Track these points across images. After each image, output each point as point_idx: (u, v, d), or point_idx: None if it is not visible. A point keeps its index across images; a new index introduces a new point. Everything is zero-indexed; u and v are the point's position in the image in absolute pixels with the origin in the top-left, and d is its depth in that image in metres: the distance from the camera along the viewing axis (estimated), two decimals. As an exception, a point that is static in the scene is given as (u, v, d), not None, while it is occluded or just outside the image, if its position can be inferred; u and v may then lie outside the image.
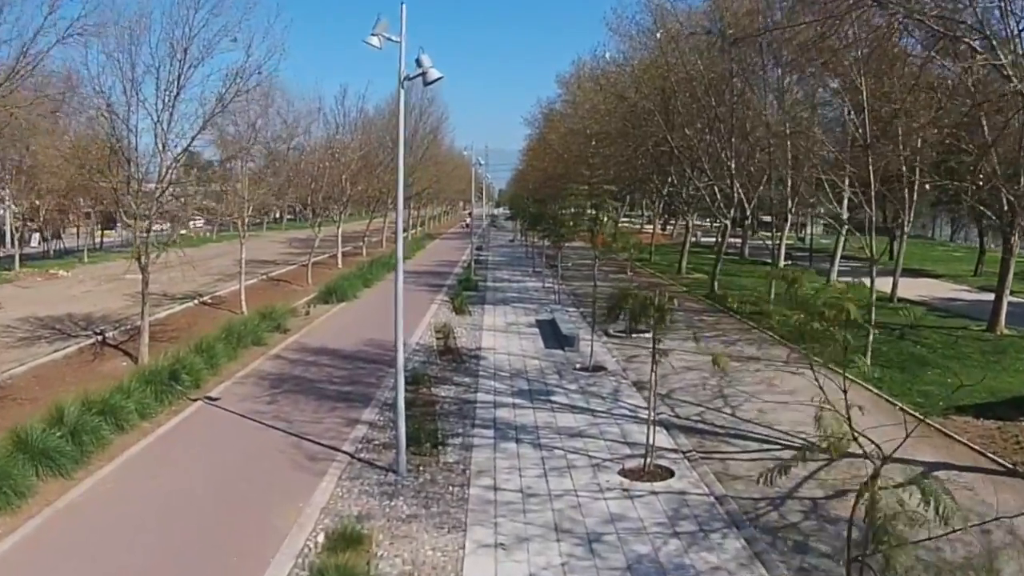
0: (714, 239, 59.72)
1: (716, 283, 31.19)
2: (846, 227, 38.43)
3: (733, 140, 29.43)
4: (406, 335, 21.39)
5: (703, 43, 28.71)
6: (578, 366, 17.29)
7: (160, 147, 18.49)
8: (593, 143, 35.89)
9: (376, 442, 12.32)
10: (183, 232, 64.12)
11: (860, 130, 19.46)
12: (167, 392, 15.23)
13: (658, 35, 27.80)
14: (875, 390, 16.11)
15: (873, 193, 19.34)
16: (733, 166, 29.84)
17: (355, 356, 18.49)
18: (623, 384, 15.98)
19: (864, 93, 18.84)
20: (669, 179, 34.10)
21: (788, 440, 12.93)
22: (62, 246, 55.16)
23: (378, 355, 18.17)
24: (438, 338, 20.23)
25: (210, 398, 15.45)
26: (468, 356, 18.21)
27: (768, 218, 53.43)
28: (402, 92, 10.03)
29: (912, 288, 31.00)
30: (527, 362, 17.53)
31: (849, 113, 19.27)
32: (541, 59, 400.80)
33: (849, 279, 36.66)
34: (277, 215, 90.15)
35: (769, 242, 48.38)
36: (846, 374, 6.52)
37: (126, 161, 18.23)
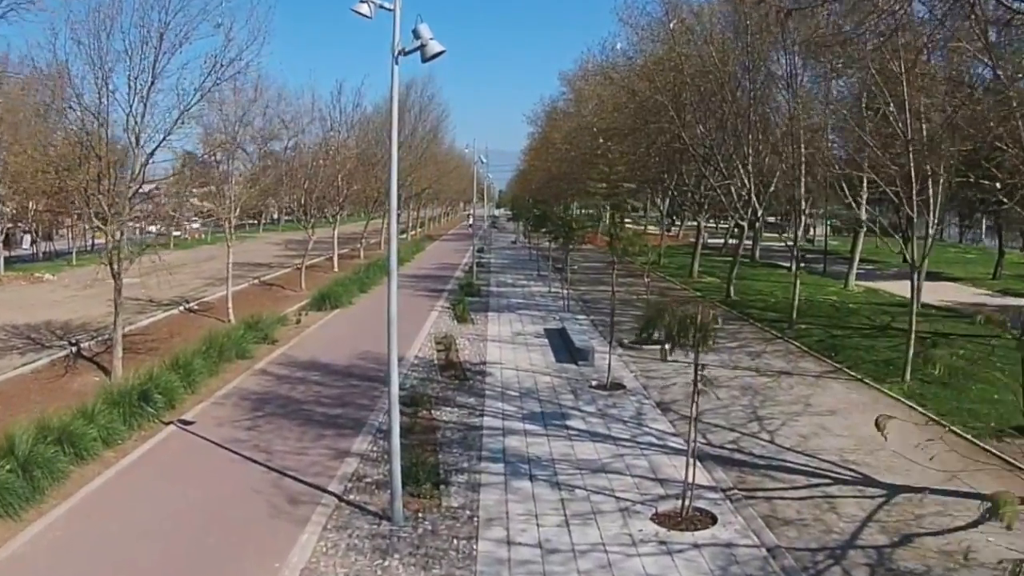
0: (722, 240, 58.27)
1: (731, 288, 29.52)
2: (864, 229, 36.99)
3: (751, 136, 27.78)
4: (404, 347, 19.78)
5: (718, 33, 27.11)
6: (594, 383, 15.64)
7: (133, 141, 16.87)
8: (600, 140, 34.18)
9: (368, 479, 10.66)
10: (176, 234, 62.37)
11: (900, 124, 17.83)
12: (137, 415, 13.64)
13: (671, 25, 26.13)
14: (919, 408, 14.55)
15: (914, 192, 17.63)
16: (750, 164, 28.18)
17: (347, 372, 16.83)
18: (646, 405, 14.32)
19: (905, 84, 17.20)
20: (680, 178, 32.41)
21: (838, 472, 11.32)
22: (52, 248, 53.64)
23: (373, 371, 16.52)
24: (439, 350, 18.60)
25: (184, 422, 13.82)
26: (472, 372, 16.55)
27: (772, 219, 51.90)
28: (396, 70, 8.37)
29: (932, 292, 29.34)
30: (538, 379, 15.87)
31: (888, 105, 17.54)
32: (542, 59, 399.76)
33: (867, 283, 35.23)
34: (275, 216, 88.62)
35: (777, 244, 46.96)
36: (886, 390, 5.35)
37: (96, 157, 16.60)
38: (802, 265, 43.22)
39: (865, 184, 33.55)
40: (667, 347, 9.43)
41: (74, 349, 20.15)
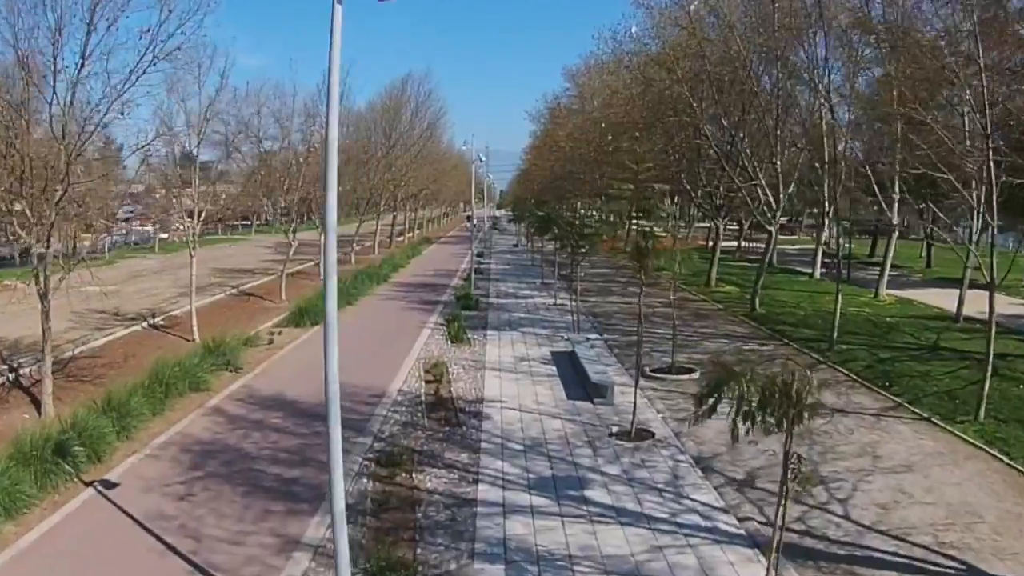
0: (734, 243, 55.42)
1: (756, 300, 26.61)
2: (896, 234, 34.10)
3: (778, 132, 24.95)
4: (386, 378, 16.91)
5: (743, 17, 24.26)
6: (615, 429, 12.78)
7: (59, 134, 14.05)
8: (609, 136, 31.36)
9: (319, 592, 7.83)
10: (164, 236, 59.25)
11: (976, 116, 15.02)
12: (52, 473, 10.94)
13: (692, 6, 23.26)
14: (1005, 458, 11.87)
15: (995, 195, 14.74)
16: (778, 164, 25.34)
17: (316, 413, 13.95)
18: (682, 463, 11.45)
19: (983, 72, 14.33)
20: (696, 178, 29.49)
21: (936, 562, 8.58)
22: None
23: (346, 413, 13.64)
24: (428, 381, 15.76)
25: (106, 484, 11.06)
26: (467, 413, 13.69)
27: (783, 219, 48.98)
28: (338, 8, 5.51)
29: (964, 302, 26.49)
30: (546, 425, 12.98)
31: (966, 96, 14.71)
32: (543, 59, 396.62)
33: (895, 292, 32.31)
34: (268, 217, 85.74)
35: (788, 247, 44.09)
36: (959, 432, 3.18)
37: (17, 155, 13.80)
38: (822, 271, 40.53)
39: (897, 185, 30.99)
40: (741, 425, 6.58)
41: (12, 375, 17.37)
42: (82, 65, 13.79)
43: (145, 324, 24.19)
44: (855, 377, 17.48)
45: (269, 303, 28.20)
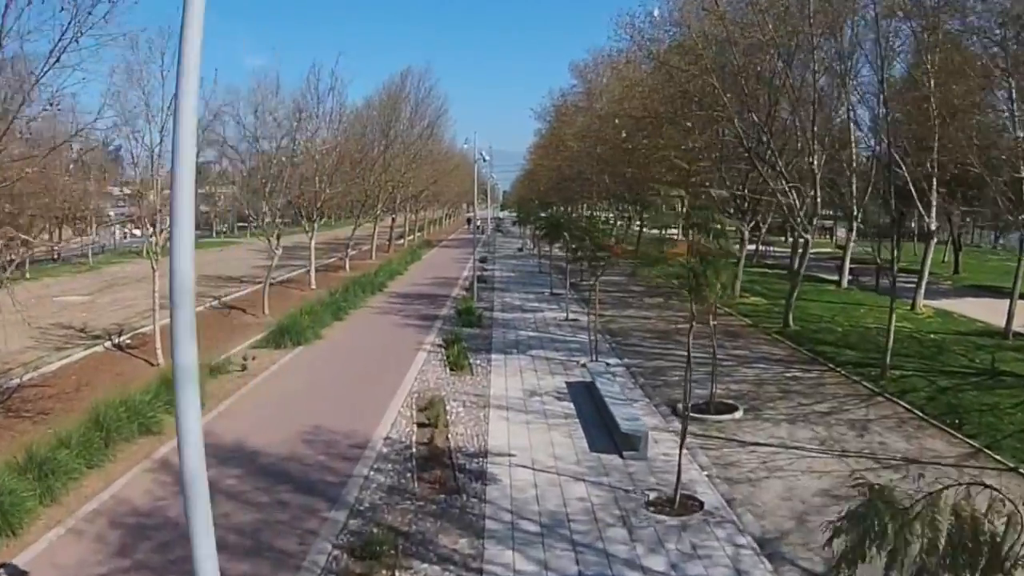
0: (751, 247, 52.77)
1: (790, 316, 23.96)
2: (935, 240, 31.50)
3: (815, 130, 22.38)
4: (371, 420, 14.31)
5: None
6: (651, 496, 10.21)
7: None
8: (624, 134, 28.76)
9: None
10: (152, 239, 56.80)
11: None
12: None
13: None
14: None
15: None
16: (815, 163, 22.76)
17: (281, 471, 11.45)
18: (743, 549, 8.87)
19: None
20: (723, 179, 26.88)
21: None
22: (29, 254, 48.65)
23: (318, 470, 11.21)
24: (420, 424, 13.20)
25: (12, 571, 8.63)
26: (467, 472, 11.12)
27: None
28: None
29: (997, 312, 23.95)
30: (567, 491, 10.39)
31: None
32: (545, 59, 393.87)
33: (929, 302, 29.66)
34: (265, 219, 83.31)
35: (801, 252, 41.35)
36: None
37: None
38: (849, 278, 37.86)
39: (935, 187, 28.41)
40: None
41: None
42: (-1, 46, 11.29)
43: (109, 344, 21.72)
44: (919, 414, 14.96)
45: (250, 317, 25.69)
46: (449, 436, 12.59)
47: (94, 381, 17.69)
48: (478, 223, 57.66)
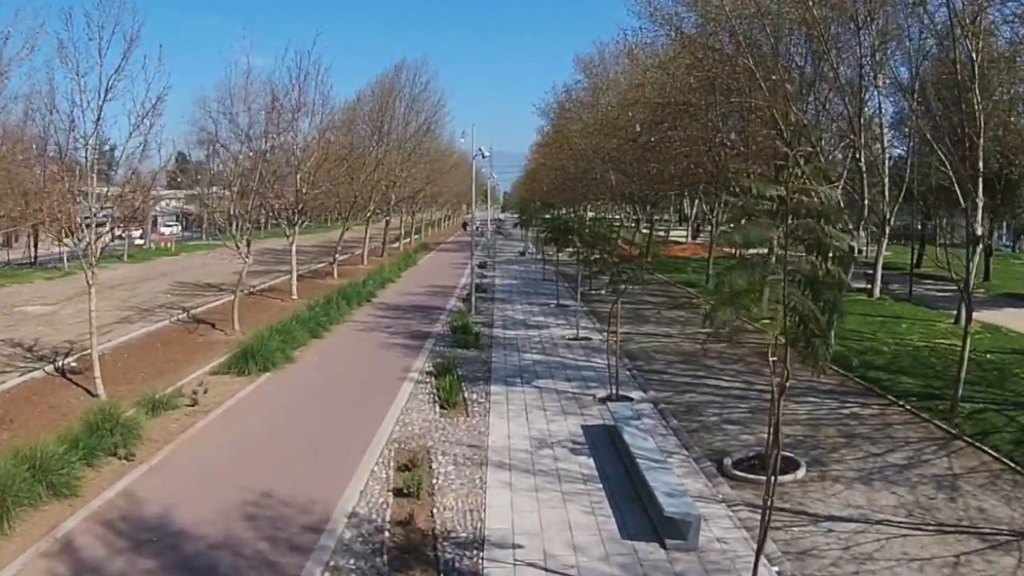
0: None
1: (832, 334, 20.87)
2: (979, 247, 28.53)
3: (862, 120, 19.45)
4: (337, 480, 11.00)
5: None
6: (715, 619, 7.19)
7: None
8: (638, 128, 25.76)
9: None
10: (139, 242, 53.88)
11: None
12: None
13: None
14: None
15: None
16: (861, 159, 19.81)
17: (205, 568, 8.42)
18: None
19: None
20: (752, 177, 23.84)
21: None
22: (7, 258, 46.16)
23: (257, 566, 8.22)
24: (398, 493, 10.17)
25: None
26: (456, 572, 8.10)
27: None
28: None
29: None
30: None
31: None
32: (545, 59, 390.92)
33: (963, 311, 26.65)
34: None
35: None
36: None
37: None
38: (880, 286, 34.82)
39: (980, 189, 25.47)
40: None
41: None
42: None
43: (51, 367, 18.75)
44: (1012, 465, 12.01)
45: (219, 334, 22.69)
46: (435, 511, 9.56)
47: (20, 417, 14.74)
48: (476, 226, 54.14)
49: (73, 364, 18.93)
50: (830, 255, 5.55)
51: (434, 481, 10.56)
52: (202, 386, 16.54)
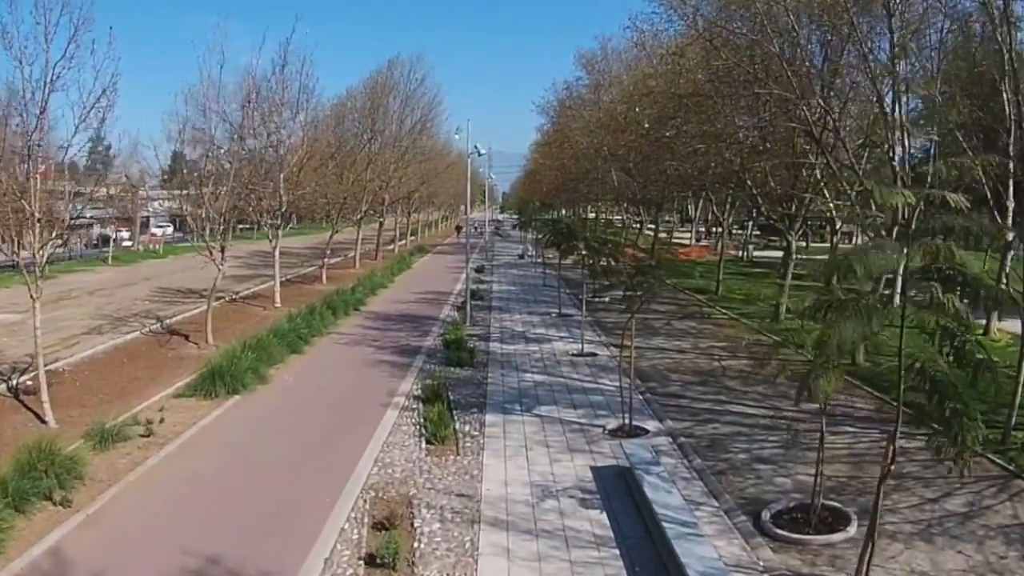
0: (777, 255, 47.97)
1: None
2: (1012, 252, 26.73)
3: (905, 116, 17.69)
4: (301, 537, 8.92)
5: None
6: None
7: None
8: (647, 125, 23.92)
9: None
10: (127, 244, 52.00)
11: None
12: None
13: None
14: None
15: None
16: (895, 157, 18.04)
17: None
18: None
19: None
20: (765, 176, 22.01)
21: None
22: None
23: None
24: (370, 560, 8.34)
25: None
26: None
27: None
28: None
29: None
30: None
31: None
32: (546, 58, 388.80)
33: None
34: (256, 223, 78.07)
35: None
36: None
37: None
38: (887, 292, 33.03)
39: (1010, 189, 23.70)
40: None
41: None
42: None
43: (2, 387, 16.96)
44: None
45: (191, 347, 20.87)
46: (414, 589, 7.74)
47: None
48: (475, 227, 52.09)
49: (28, 383, 17.12)
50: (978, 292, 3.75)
51: (415, 544, 8.73)
52: (162, 411, 14.77)
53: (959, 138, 19.45)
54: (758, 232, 56.78)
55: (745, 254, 48.61)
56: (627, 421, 12.83)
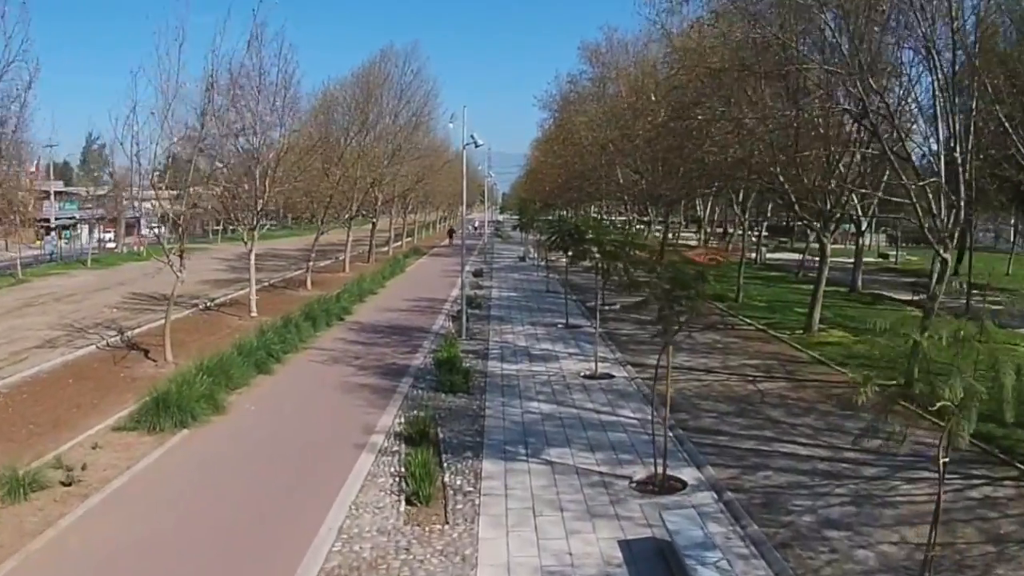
0: (793, 256, 45.49)
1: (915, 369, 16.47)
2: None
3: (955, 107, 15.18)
4: None
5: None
6: None
7: None
8: (662, 114, 21.37)
9: None
10: (111, 245, 49.38)
11: None
12: None
13: None
14: None
15: None
16: (958, 155, 15.52)
17: None
18: None
19: None
20: (798, 170, 19.45)
21: None
22: None
23: None
24: None
25: None
26: None
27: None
28: None
29: None
30: None
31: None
32: (545, 58, 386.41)
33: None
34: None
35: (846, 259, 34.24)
36: None
37: None
38: (914, 297, 30.50)
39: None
40: None
41: None
42: None
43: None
44: None
45: (148, 364, 18.34)
46: None
47: None
48: (475, 227, 49.33)
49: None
50: None
51: None
52: (96, 449, 12.26)
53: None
54: (766, 234, 54.38)
55: (759, 257, 46.11)
56: (659, 470, 10.27)
